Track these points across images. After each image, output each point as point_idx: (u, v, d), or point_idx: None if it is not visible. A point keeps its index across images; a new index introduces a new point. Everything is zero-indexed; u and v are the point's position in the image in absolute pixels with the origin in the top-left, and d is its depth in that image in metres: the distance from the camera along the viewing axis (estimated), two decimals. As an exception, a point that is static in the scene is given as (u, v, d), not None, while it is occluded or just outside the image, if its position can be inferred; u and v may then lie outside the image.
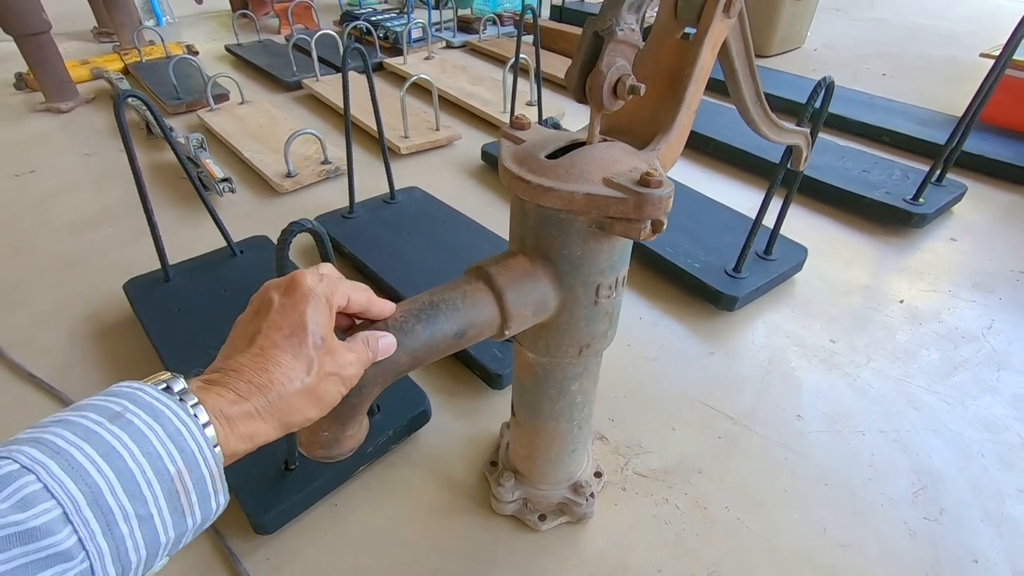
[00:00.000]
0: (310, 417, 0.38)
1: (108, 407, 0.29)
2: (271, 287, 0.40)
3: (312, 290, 0.39)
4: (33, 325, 1.17)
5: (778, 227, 1.22)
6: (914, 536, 0.80)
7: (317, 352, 0.38)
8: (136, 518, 0.27)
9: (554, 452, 0.74)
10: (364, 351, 0.43)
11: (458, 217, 1.41)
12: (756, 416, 0.97)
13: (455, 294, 0.51)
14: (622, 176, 0.49)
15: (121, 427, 0.28)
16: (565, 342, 0.59)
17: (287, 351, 0.37)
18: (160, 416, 0.30)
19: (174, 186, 1.65)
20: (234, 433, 0.33)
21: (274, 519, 0.77)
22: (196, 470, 0.30)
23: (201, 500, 0.31)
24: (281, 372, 0.36)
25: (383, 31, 2.78)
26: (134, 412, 0.29)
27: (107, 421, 0.28)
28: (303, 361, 0.37)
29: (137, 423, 0.29)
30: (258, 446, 0.35)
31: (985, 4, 3.92)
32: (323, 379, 0.38)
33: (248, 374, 0.35)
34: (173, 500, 0.29)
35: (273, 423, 0.36)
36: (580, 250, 0.53)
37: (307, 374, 0.37)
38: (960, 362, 1.08)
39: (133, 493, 0.27)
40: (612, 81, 0.49)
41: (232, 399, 0.34)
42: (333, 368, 0.39)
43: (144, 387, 0.31)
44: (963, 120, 1.35)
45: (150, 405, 0.30)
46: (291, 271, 0.43)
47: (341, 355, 0.40)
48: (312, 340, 0.38)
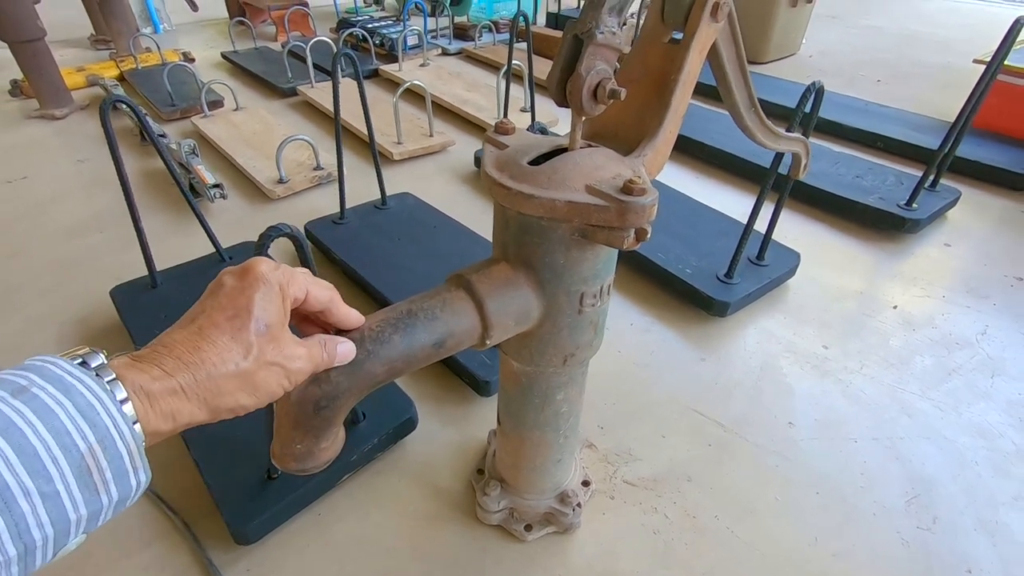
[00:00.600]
0: (243, 404, 0.37)
1: (14, 381, 0.28)
2: (226, 271, 0.39)
3: (264, 276, 0.38)
4: (23, 331, 1.16)
5: (770, 232, 1.21)
6: (907, 545, 0.79)
7: (259, 338, 0.37)
8: (39, 495, 0.27)
9: (539, 462, 0.73)
10: (319, 351, 0.42)
11: (450, 223, 1.40)
12: (747, 423, 0.96)
13: (434, 302, 0.50)
14: (605, 183, 0.48)
15: (24, 401, 0.27)
16: (549, 351, 0.58)
17: (226, 332, 0.36)
18: (70, 390, 0.29)
19: (167, 192, 1.65)
20: (154, 410, 0.32)
21: (256, 529, 0.76)
22: (111, 446, 0.29)
23: (117, 477, 0.30)
24: (215, 352, 0.35)
25: (379, 38, 2.79)
26: (41, 386, 0.28)
27: (9, 396, 0.27)
28: (241, 344, 0.36)
29: (43, 397, 0.28)
30: (182, 427, 0.34)
31: (980, 11, 3.95)
32: (262, 367, 0.37)
33: (179, 350, 0.34)
34: (83, 477, 0.28)
35: (198, 403, 0.34)
36: (563, 258, 0.52)
37: (243, 358, 0.36)
38: (954, 368, 1.07)
39: (35, 470, 0.26)
40: (592, 85, 0.48)
41: (156, 375, 0.33)
42: (276, 358, 0.37)
43: (56, 360, 0.30)
44: (955, 125, 1.35)
45: (59, 378, 0.29)
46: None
47: (288, 347, 0.39)
48: (255, 325, 0.36)
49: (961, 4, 4.20)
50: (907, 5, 4.10)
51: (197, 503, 0.82)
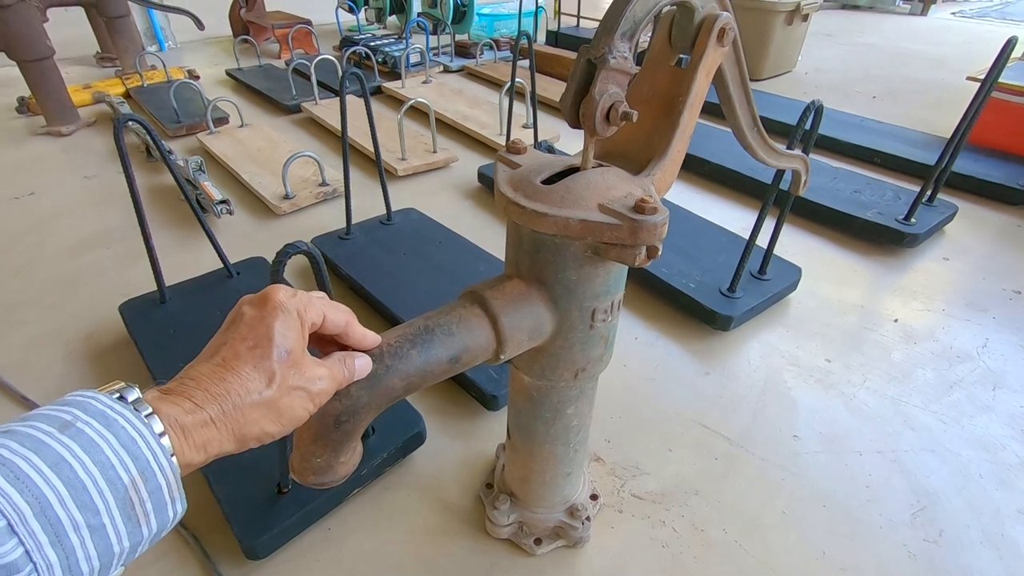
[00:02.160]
0: (269, 432, 0.37)
1: (58, 416, 0.29)
2: (244, 301, 0.40)
3: (283, 304, 0.39)
4: (29, 347, 1.17)
5: (772, 247, 1.23)
6: (914, 558, 0.80)
7: (281, 365, 0.37)
8: (87, 528, 0.27)
9: (549, 475, 0.74)
10: (340, 368, 0.42)
11: (454, 238, 1.42)
12: (752, 437, 0.97)
13: (450, 318, 0.52)
14: (617, 202, 0.50)
15: (71, 436, 0.28)
16: (560, 366, 0.59)
17: (248, 362, 0.36)
18: (113, 424, 0.29)
19: (174, 208, 1.66)
20: (188, 443, 0.33)
21: (266, 544, 0.76)
22: (152, 479, 0.30)
23: (157, 509, 0.30)
24: (239, 382, 0.35)
25: (382, 56, 2.83)
26: (85, 421, 0.29)
27: (57, 431, 0.28)
28: (264, 373, 0.36)
29: (88, 432, 0.28)
30: (212, 457, 0.35)
31: (972, 29, 4.02)
32: (285, 393, 0.37)
33: (205, 383, 0.35)
34: (127, 509, 0.29)
35: (227, 433, 0.35)
36: (575, 275, 0.53)
37: (267, 386, 0.36)
38: (955, 381, 1.08)
39: (84, 503, 0.27)
40: (605, 108, 0.50)
41: (188, 408, 0.33)
42: (298, 382, 0.38)
43: (97, 395, 0.31)
44: (952, 141, 1.38)
45: (102, 413, 0.29)
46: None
47: (310, 369, 0.39)
48: (277, 353, 0.37)
49: (954, 22, 4.28)
50: (901, 23, 4.18)
51: (207, 517, 0.82)
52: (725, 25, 0.56)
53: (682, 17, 0.58)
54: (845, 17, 4.38)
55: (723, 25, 0.55)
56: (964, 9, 4.72)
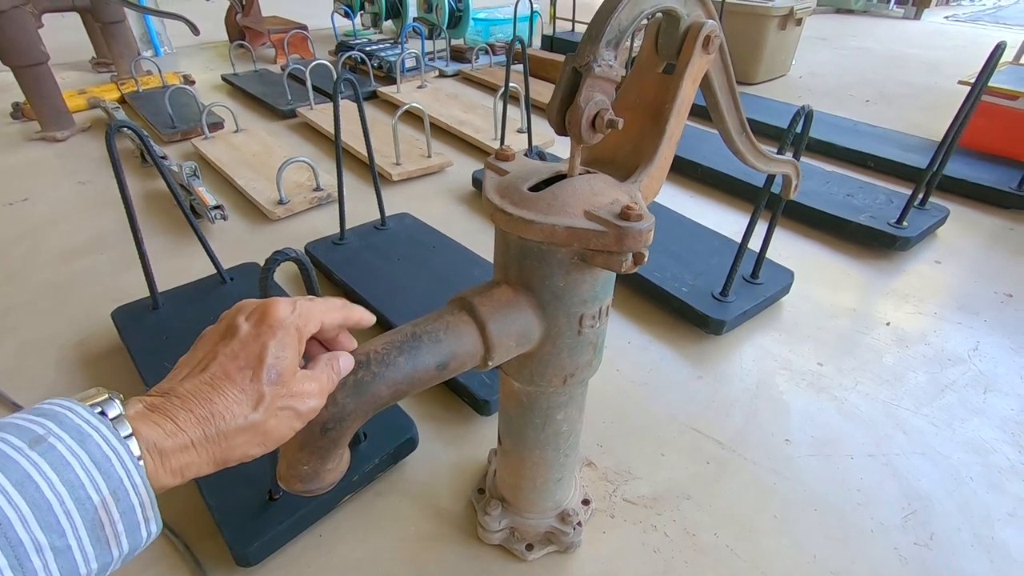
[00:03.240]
0: (252, 455, 0.37)
1: (31, 429, 0.28)
2: (243, 310, 0.40)
3: (281, 323, 0.38)
4: (21, 353, 1.16)
5: (764, 251, 1.23)
6: (905, 562, 0.80)
7: (271, 387, 0.37)
8: (51, 550, 0.26)
9: (540, 480, 0.74)
10: (329, 377, 0.42)
11: (449, 243, 1.42)
12: (745, 441, 0.97)
13: (438, 325, 0.52)
14: (603, 209, 0.50)
15: (41, 453, 0.27)
16: (549, 372, 0.60)
17: (237, 383, 0.36)
18: (87, 441, 0.29)
19: (168, 213, 1.66)
20: (165, 467, 0.32)
21: (257, 551, 0.76)
22: (124, 499, 0.29)
23: (129, 530, 0.30)
24: (225, 405, 0.35)
25: (377, 60, 2.83)
26: (58, 436, 0.28)
27: (27, 446, 0.27)
28: (251, 396, 0.36)
29: (60, 448, 0.28)
30: (187, 480, 0.34)
31: (964, 33, 4.04)
32: (272, 415, 0.37)
33: (191, 402, 0.34)
34: (96, 530, 0.28)
35: (207, 458, 0.34)
36: (562, 281, 0.53)
37: (253, 409, 0.36)
38: (947, 384, 1.09)
39: (48, 524, 0.26)
40: (590, 115, 0.50)
41: (169, 430, 0.33)
42: (287, 402, 0.38)
43: (74, 406, 0.30)
44: (943, 145, 1.38)
45: (77, 428, 0.29)
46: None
47: (299, 385, 0.39)
48: (267, 375, 0.36)
49: (947, 26, 4.30)
50: (894, 27, 4.20)
51: (198, 524, 0.82)
52: (710, 33, 0.56)
53: (668, 25, 0.58)
54: (839, 21, 4.40)
55: (708, 33, 0.56)
56: (957, 13, 4.75)
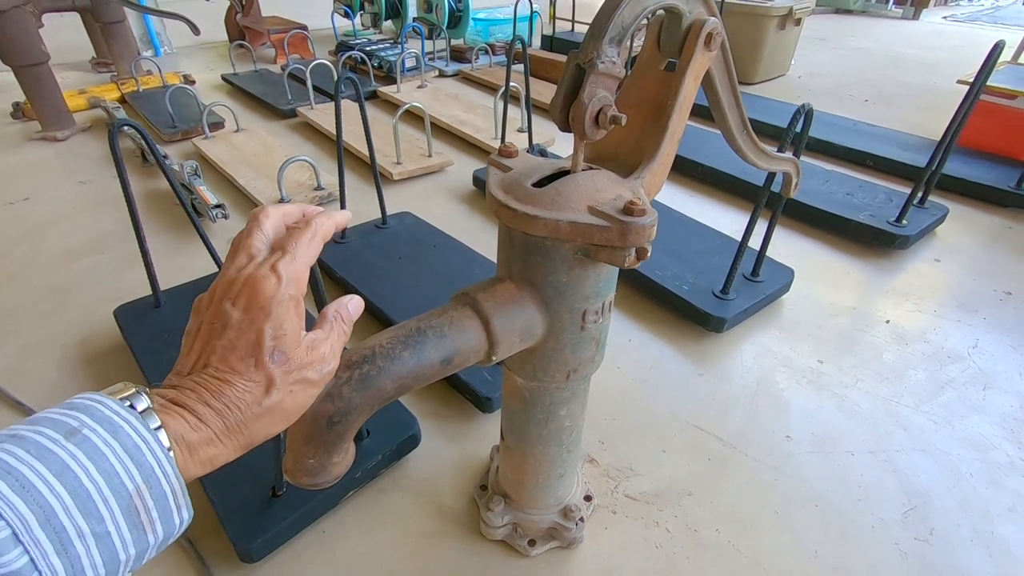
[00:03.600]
0: (275, 432, 0.37)
1: (65, 422, 0.29)
2: (228, 292, 0.37)
3: (271, 299, 0.36)
4: (23, 353, 1.17)
5: (764, 249, 1.24)
6: (905, 557, 0.80)
7: (277, 367, 0.36)
8: (92, 536, 0.27)
9: (543, 476, 0.74)
10: (340, 330, 0.41)
11: (450, 242, 1.42)
12: (746, 438, 0.98)
13: (442, 320, 0.52)
14: (606, 204, 0.50)
15: (77, 444, 0.28)
16: (552, 367, 0.60)
17: (243, 373, 0.35)
18: (118, 431, 0.30)
19: (169, 213, 1.66)
20: (193, 459, 0.33)
21: (261, 547, 0.77)
22: (156, 486, 0.30)
23: (163, 516, 0.31)
24: (237, 395, 0.35)
25: (377, 60, 2.84)
26: (91, 427, 0.29)
27: (63, 438, 0.28)
28: (260, 382, 0.36)
29: (94, 439, 0.29)
30: (216, 468, 0.35)
31: (963, 33, 4.06)
32: (287, 394, 0.37)
33: (205, 395, 0.34)
34: (132, 517, 0.29)
35: (232, 445, 0.35)
36: (566, 276, 0.54)
37: (266, 393, 0.36)
38: (946, 382, 1.09)
39: (89, 512, 0.27)
40: (594, 111, 0.51)
41: (193, 423, 0.33)
42: (300, 375, 0.37)
43: (104, 399, 0.31)
44: (942, 144, 1.39)
45: (109, 420, 0.30)
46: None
47: (309, 355, 0.38)
48: (269, 358, 0.36)
49: (945, 26, 4.31)
50: (893, 27, 4.21)
51: (201, 520, 0.82)
52: (712, 30, 0.56)
53: (670, 23, 0.59)
54: (837, 21, 4.42)
55: (710, 30, 0.56)
56: (955, 13, 4.76)
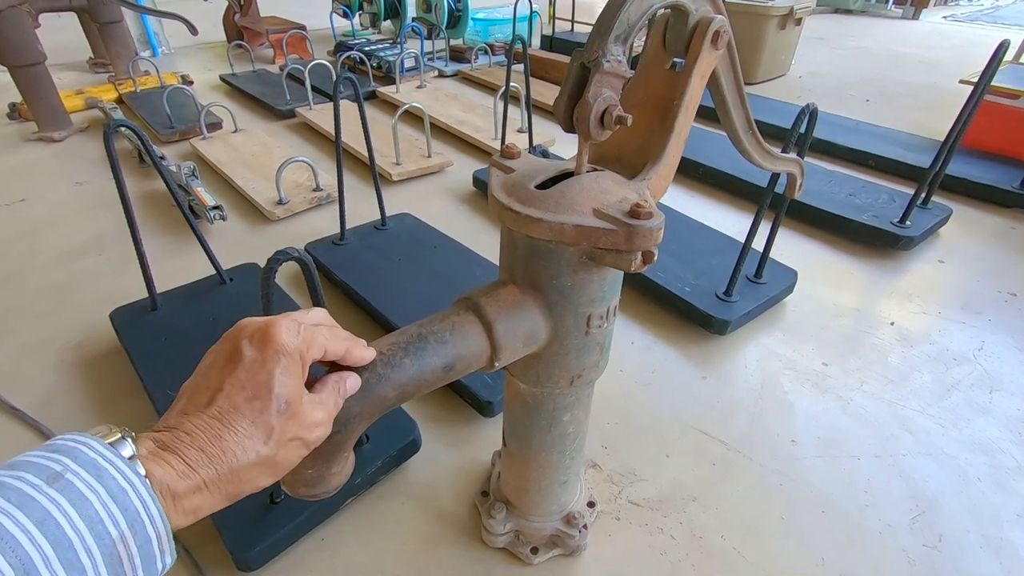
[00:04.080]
0: (260, 485, 0.37)
1: (47, 466, 0.28)
2: (244, 333, 0.38)
3: (284, 347, 0.37)
4: (18, 356, 1.15)
5: (767, 250, 1.22)
6: (913, 564, 0.79)
7: (280, 418, 0.36)
8: None
9: (545, 483, 0.73)
10: (336, 400, 0.41)
11: (450, 243, 1.41)
12: (750, 442, 0.96)
13: (444, 326, 0.51)
14: (612, 207, 0.49)
15: (59, 490, 0.27)
16: (556, 372, 0.59)
17: (247, 416, 0.35)
18: (103, 475, 0.29)
19: (166, 214, 1.65)
20: (177, 509, 0.32)
21: (259, 555, 0.75)
22: (141, 531, 0.29)
23: (146, 562, 0.30)
24: (236, 440, 0.34)
25: (376, 61, 2.82)
26: (75, 471, 0.28)
27: (45, 483, 0.27)
28: (262, 429, 0.35)
29: (78, 484, 0.28)
30: (199, 519, 0.34)
31: (963, 33, 4.05)
32: (283, 446, 0.36)
33: (200, 439, 0.33)
34: (114, 565, 0.28)
35: (219, 496, 0.34)
36: (570, 280, 0.53)
37: (264, 443, 0.35)
38: (952, 384, 1.08)
39: (70, 562, 0.26)
40: (599, 112, 0.49)
41: (181, 471, 0.32)
42: (296, 432, 0.37)
43: (89, 440, 0.30)
44: (945, 144, 1.38)
45: (93, 463, 0.29)
46: (277, 306, 0.42)
47: (309, 416, 0.38)
48: (276, 405, 0.36)
49: (945, 26, 4.31)
50: (893, 27, 4.20)
51: (198, 528, 0.80)
52: (719, 28, 0.55)
53: (676, 21, 0.58)
54: (837, 21, 4.41)
55: (717, 28, 0.55)
56: (955, 13, 4.76)
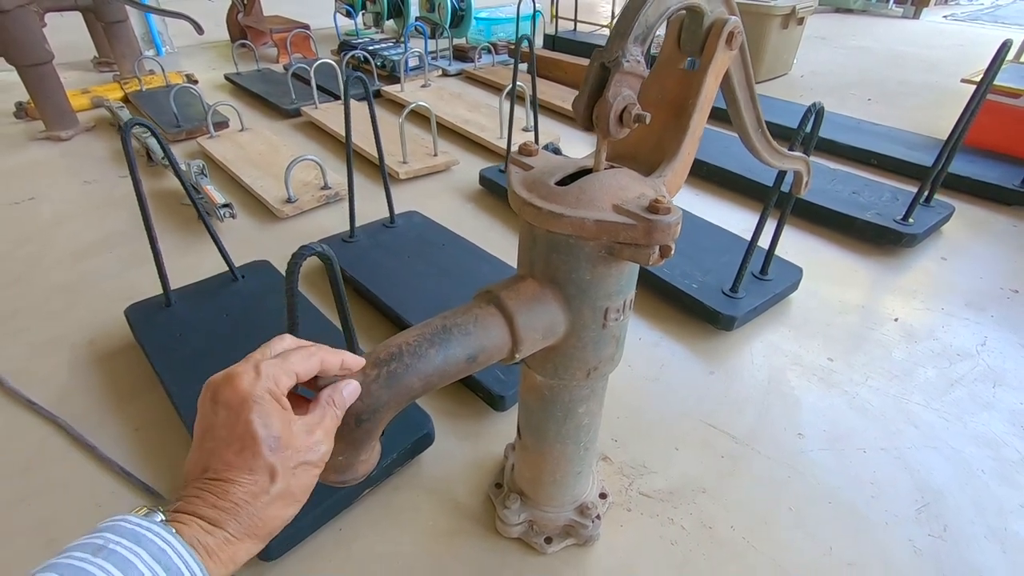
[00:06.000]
0: (289, 517, 0.38)
1: (91, 543, 0.30)
2: (208, 395, 0.38)
3: (250, 393, 0.37)
4: (33, 353, 1.17)
5: (773, 248, 1.24)
6: (919, 554, 0.80)
7: (276, 455, 0.36)
8: None
9: (560, 474, 0.74)
10: (332, 415, 0.42)
11: (457, 240, 1.42)
12: (758, 435, 0.98)
13: (467, 318, 0.52)
14: (631, 203, 0.50)
15: (105, 557, 0.29)
16: (573, 365, 0.60)
17: (243, 467, 0.35)
18: (142, 540, 0.31)
19: (174, 213, 1.66)
20: (214, 561, 0.33)
21: (278, 545, 0.77)
22: None
23: None
24: (244, 490, 0.35)
25: (380, 60, 2.84)
26: (116, 541, 0.30)
27: (91, 555, 0.29)
28: (263, 472, 0.36)
29: (121, 551, 0.30)
30: (240, 566, 0.35)
31: (964, 32, 4.06)
32: (292, 477, 0.37)
33: (211, 499, 0.34)
34: None
35: (252, 541, 0.36)
36: (589, 274, 0.54)
37: (271, 483, 0.36)
38: (956, 379, 1.10)
39: None
40: (618, 110, 0.51)
41: (207, 527, 0.34)
42: (299, 458, 0.38)
43: (125, 516, 0.32)
44: (948, 142, 1.39)
45: (132, 532, 0.31)
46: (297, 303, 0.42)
47: (305, 440, 0.39)
48: (266, 446, 0.36)
49: (946, 25, 4.32)
50: (893, 26, 4.22)
51: (217, 520, 0.82)
52: (734, 29, 0.57)
53: (691, 21, 0.59)
54: (839, 20, 4.42)
55: (732, 29, 0.57)
56: (956, 12, 4.77)
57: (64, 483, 0.90)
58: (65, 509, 0.86)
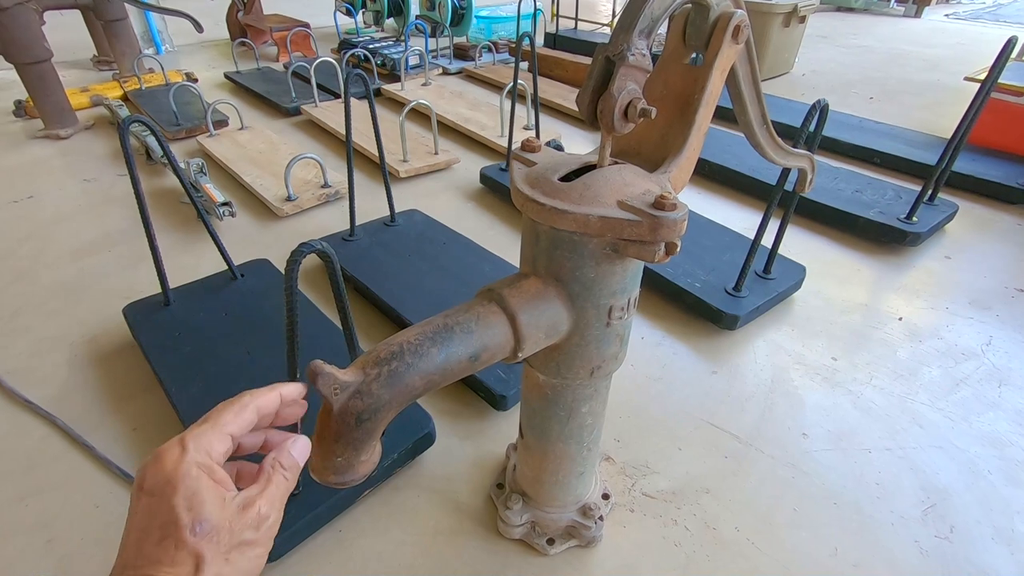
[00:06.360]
0: None
1: None
2: (136, 484, 0.35)
3: (175, 471, 0.34)
4: (32, 352, 1.16)
5: (776, 247, 1.23)
6: (925, 555, 0.80)
7: (203, 540, 0.33)
8: None
9: (563, 474, 0.74)
10: (279, 480, 0.38)
11: (458, 239, 1.41)
12: (761, 435, 0.97)
13: (469, 316, 0.51)
14: (636, 199, 0.50)
15: None
16: (576, 364, 0.59)
17: (163, 559, 0.32)
18: None
19: (173, 211, 1.65)
20: None
21: (278, 546, 0.76)
22: None
23: None
24: None
25: (380, 58, 2.83)
26: None
27: None
28: (187, 563, 0.32)
29: None
30: None
31: (965, 31, 4.05)
32: (224, 564, 0.33)
33: None
34: None
35: None
36: (593, 272, 0.53)
37: (196, 571, 0.32)
38: (961, 379, 1.09)
39: None
40: (623, 105, 0.50)
41: None
42: (237, 540, 0.34)
43: None
44: (952, 141, 1.38)
45: None
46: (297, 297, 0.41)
47: (244, 518, 0.35)
48: (190, 532, 0.33)
49: (948, 24, 4.31)
50: (895, 25, 4.21)
51: (216, 521, 0.81)
52: (740, 23, 0.56)
53: (697, 15, 0.58)
54: (840, 19, 4.41)
55: (738, 23, 0.56)
56: (957, 11, 4.76)
57: (63, 483, 0.89)
58: (64, 509, 0.85)
